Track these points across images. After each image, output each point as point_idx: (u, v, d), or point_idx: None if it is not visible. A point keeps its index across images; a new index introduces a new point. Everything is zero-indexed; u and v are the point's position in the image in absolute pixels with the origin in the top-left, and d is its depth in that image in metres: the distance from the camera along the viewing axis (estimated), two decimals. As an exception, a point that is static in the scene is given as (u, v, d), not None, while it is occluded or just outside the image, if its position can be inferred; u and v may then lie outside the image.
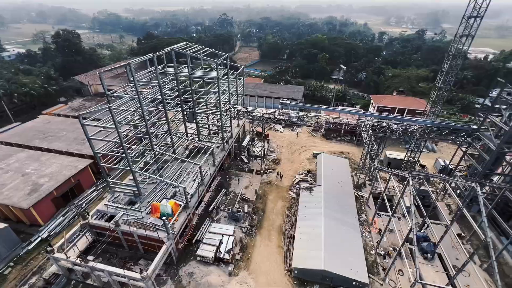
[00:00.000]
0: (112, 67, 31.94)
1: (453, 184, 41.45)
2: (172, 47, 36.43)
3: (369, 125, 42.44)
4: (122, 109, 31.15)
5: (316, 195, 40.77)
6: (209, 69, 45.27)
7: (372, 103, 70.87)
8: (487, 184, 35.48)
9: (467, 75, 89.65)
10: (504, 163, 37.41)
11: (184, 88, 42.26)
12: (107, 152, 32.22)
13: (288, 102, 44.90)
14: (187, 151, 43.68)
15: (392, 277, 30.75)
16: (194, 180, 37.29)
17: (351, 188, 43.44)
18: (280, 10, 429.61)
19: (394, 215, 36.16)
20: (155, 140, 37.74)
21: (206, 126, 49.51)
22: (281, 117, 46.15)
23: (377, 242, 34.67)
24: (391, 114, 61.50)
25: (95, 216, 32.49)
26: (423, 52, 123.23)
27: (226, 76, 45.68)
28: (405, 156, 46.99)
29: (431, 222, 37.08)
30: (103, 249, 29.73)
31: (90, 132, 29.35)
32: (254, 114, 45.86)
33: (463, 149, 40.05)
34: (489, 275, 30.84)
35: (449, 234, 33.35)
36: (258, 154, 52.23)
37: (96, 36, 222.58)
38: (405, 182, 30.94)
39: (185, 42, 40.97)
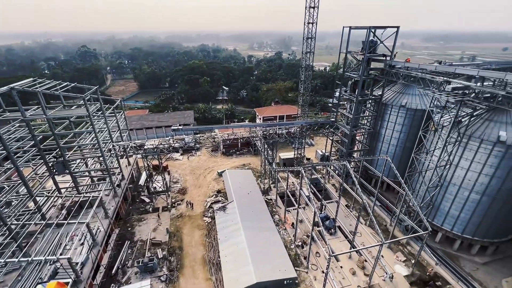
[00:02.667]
0: None
1: (332, 167, 51.28)
2: (11, 85, 28.28)
3: (260, 134, 46.95)
4: None
5: (230, 211, 40.69)
6: (75, 106, 37.84)
7: (257, 116, 79.10)
8: (352, 160, 46.01)
9: (317, 83, 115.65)
10: (357, 142, 49.78)
11: (42, 134, 33.41)
12: None
13: (181, 127, 43.48)
14: (64, 211, 34.20)
15: (313, 261, 34.20)
16: (82, 243, 29.43)
17: (260, 195, 46.08)
18: (150, 40, 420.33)
19: (300, 206, 40.83)
20: (7, 210, 27.56)
21: (86, 173, 40.72)
22: (177, 145, 44.08)
23: (293, 236, 37.92)
24: (275, 122, 70.58)
25: None
26: (284, 68, 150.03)
27: (100, 112, 39.55)
28: (294, 154, 54.62)
29: (327, 203, 44.24)
30: None
31: None
32: (145, 147, 41.67)
33: (330, 138, 50.60)
34: (372, 228, 39.53)
35: (340, 207, 40.72)
36: (160, 189, 47.39)
37: None
38: (300, 175, 35.70)
39: (32, 79, 32.78)
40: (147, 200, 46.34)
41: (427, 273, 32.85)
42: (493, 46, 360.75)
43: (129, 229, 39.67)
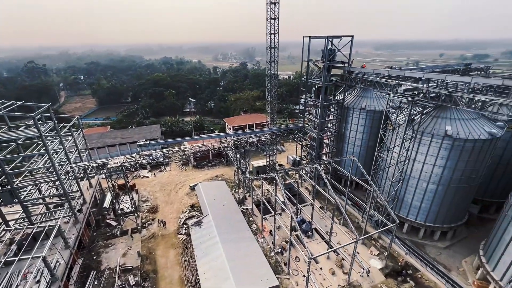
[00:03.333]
0: None
1: (304, 171, 52.63)
2: None
3: (231, 144, 46.65)
4: None
5: (206, 225, 39.33)
6: (23, 127, 34.08)
7: (227, 125, 78.79)
8: (322, 162, 47.73)
9: (283, 91, 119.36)
10: (325, 145, 51.93)
11: (-17, 160, 29.35)
12: None
13: (147, 142, 41.42)
14: (13, 246, 30.04)
15: (293, 266, 34.23)
16: (39, 281, 25.98)
17: (236, 206, 45.36)
18: (107, 54, 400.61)
19: (276, 213, 40.98)
20: None
21: (40, 200, 36.52)
22: (144, 161, 41.86)
23: (272, 243, 37.71)
24: (245, 130, 70.84)
25: None
26: (251, 78, 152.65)
27: (54, 132, 36.15)
28: (267, 162, 55.07)
29: (302, 206, 45.03)
30: None
31: None
32: (109, 166, 38.83)
33: (300, 143, 52.12)
34: (346, 227, 40.99)
35: (315, 210, 41.73)
36: (128, 210, 44.25)
37: None
38: (274, 182, 35.99)
39: (-33, 99, 28.95)
40: (114, 223, 42.82)
41: (399, 263, 34.80)
42: (431, 52, 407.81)
43: (94, 257, 36.10)
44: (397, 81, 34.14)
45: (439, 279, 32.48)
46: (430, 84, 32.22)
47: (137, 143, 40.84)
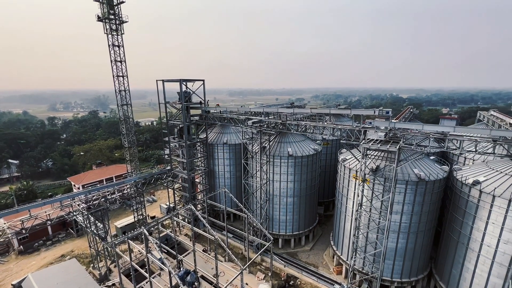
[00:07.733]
0: None
1: (180, 217, 48.74)
2: None
3: (82, 207, 36.78)
4: None
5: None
6: None
7: (74, 185, 62.38)
8: (197, 202, 46.22)
9: (146, 137, 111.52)
10: (198, 183, 51.14)
11: None
12: None
13: None
14: None
15: (183, 332, 28.93)
16: None
17: (95, 286, 34.54)
18: None
19: (153, 275, 34.52)
20: None
21: None
22: None
23: (153, 316, 30.73)
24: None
25: None
26: (104, 127, 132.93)
27: None
28: (135, 217, 47.06)
29: (183, 256, 40.53)
30: None
31: None
32: None
33: (171, 187, 48.68)
34: (232, 261, 40.27)
35: (198, 255, 38.61)
36: None
37: None
38: (144, 238, 30.64)
39: None
40: None
41: (282, 278, 37.39)
42: (270, 97, 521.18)
43: None
44: (246, 116, 39.85)
45: (312, 278, 37.37)
46: (270, 117, 39.75)
47: None
